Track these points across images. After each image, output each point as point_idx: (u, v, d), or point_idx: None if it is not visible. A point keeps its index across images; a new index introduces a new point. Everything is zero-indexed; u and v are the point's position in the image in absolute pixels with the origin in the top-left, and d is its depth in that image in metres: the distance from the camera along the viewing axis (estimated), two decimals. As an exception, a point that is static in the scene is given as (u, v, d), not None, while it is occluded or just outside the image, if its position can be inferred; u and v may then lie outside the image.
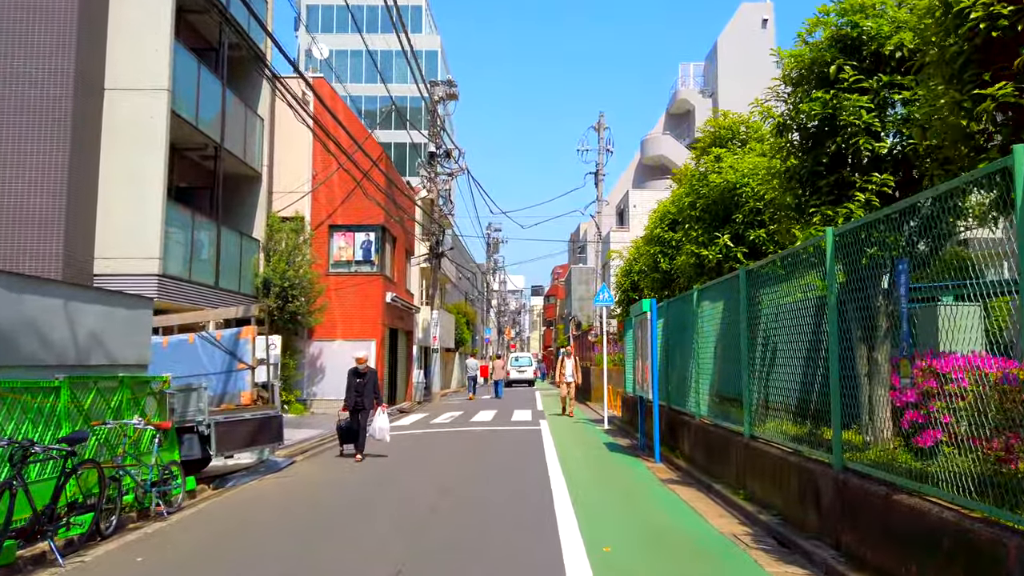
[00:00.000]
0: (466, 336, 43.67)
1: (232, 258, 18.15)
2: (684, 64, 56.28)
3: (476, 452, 12.06)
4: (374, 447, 11.97)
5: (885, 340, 6.23)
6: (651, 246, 12.76)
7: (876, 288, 5.56)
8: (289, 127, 21.20)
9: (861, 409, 5.68)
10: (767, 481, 6.59)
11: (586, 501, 7.54)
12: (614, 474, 9.56)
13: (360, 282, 21.60)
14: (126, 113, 14.30)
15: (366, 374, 11.52)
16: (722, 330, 8.51)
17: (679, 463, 9.76)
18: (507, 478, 9.28)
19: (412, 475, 9.93)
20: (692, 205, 9.99)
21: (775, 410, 6.64)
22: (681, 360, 10.69)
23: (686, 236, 10.27)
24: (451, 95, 29.78)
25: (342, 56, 55.42)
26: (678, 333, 10.99)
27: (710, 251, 9.46)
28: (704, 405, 9.22)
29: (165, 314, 11.18)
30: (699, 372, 9.40)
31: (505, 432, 15.30)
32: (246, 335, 10.33)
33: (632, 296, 16.39)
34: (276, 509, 7.98)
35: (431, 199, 28.20)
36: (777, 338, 6.72)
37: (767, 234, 9.10)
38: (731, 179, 9.24)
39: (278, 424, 10.59)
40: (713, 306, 8.97)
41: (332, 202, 21.77)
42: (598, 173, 38.03)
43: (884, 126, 6.21)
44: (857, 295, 5.56)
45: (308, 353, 21.17)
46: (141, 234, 14.07)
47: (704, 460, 8.90)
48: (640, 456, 10.97)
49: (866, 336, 5.87)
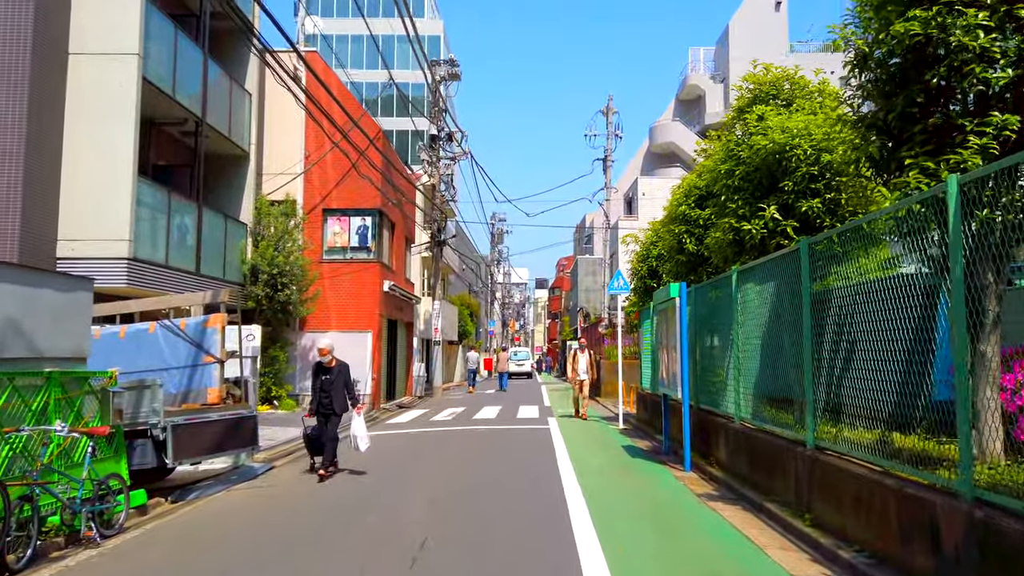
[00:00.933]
0: (469, 328, 42.33)
1: (216, 243, 16.80)
2: (694, 49, 54.67)
3: (478, 458, 10.70)
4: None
5: (995, 328, 4.87)
6: (675, 225, 11.36)
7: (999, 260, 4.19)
8: (281, 106, 19.84)
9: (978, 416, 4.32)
10: (846, 506, 5.21)
11: (613, 527, 6.17)
12: (640, 487, 8.18)
13: (356, 269, 20.25)
14: (93, 80, 12.93)
15: (333, 369, 9.32)
16: (772, 317, 7.13)
17: (713, 472, 8.39)
18: (514, 493, 7.91)
19: (400, 490, 8.58)
20: (729, 173, 8.58)
21: (856, 416, 5.26)
22: (715, 353, 9.31)
23: (721, 210, 8.87)
24: (453, 75, 28.36)
25: (342, 41, 53.95)
26: (711, 322, 9.61)
27: (753, 225, 8.05)
28: (746, 406, 7.85)
29: (123, 300, 9.83)
30: (739, 367, 8.02)
31: (511, 432, 13.96)
32: (214, 324, 8.98)
33: (649, 283, 15.00)
34: (237, 531, 6.64)
35: (432, 184, 26.81)
36: (859, 326, 5.33)
37: (823, 204, 7.69)
38: (779, 140, 7.83)
39: (252, 426, 9.26)
40: (759, 289, 7.58)
41: (326, 185, 20.40)
42: (607, 159, 36.63)
43: (1005, 53, 4.80)
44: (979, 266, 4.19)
45: (300, 345, 19.84)
46: (109, 214, 12.73)
47: (747, 471, 7.53)
48: (666, 463, 9.60)
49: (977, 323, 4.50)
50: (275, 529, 6.60)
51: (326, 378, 9.27)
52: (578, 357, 16.38)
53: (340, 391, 9.24)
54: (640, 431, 13.84)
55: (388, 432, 14.65)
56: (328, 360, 9.40)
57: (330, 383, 9.24)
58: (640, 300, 15.73)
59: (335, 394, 9.20)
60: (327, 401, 9.19)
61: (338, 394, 9.23)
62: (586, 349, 16.94)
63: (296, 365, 19.68)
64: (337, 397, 9.21)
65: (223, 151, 18.02)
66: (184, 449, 7.96)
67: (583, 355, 16.56)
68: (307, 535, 6.21)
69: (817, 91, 8.86)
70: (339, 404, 9.21)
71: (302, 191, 20.21)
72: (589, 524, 6.23)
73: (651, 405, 13.98)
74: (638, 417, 15.33)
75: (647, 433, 13.29)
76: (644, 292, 15.30)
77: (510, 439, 12.77)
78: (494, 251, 61.31)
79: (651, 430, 13.40)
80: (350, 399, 9.31)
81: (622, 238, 16.43)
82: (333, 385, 9.21)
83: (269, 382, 18.32)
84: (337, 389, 9.22)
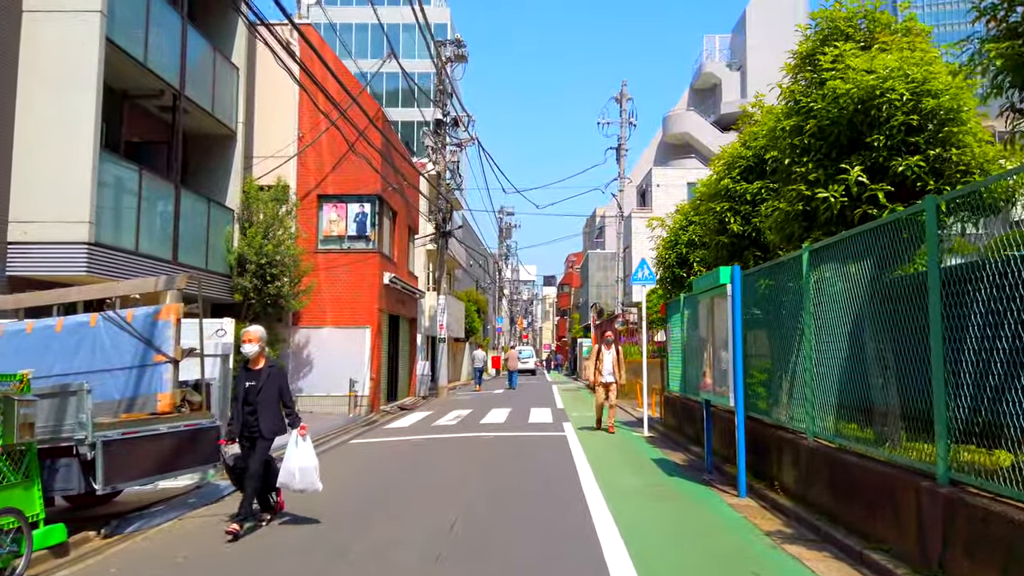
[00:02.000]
0: (476, 325, 40.76)
1: (197, 229, 15.27)
2: (709, 36, 52.90)
3: (483, 477, 9.10)
4: (350, 458, 9.06)
5: None
6: (716, 202, 9.71)
7: None
8: (273, 83, 18.31)
9: None
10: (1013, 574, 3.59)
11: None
12: (690, 520, 6.54)
13: (353, 260, 18.68)
14: (51, 40, 11.38)
15: (260, 374, 6.57)
16: (868, 306, 5.49)
17: (778, 500, 6.77)
18: (530, 528, 6.29)
19: (389, 526, 7.00)
20: (796, 130, 6.94)
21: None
22: (774, 352, 7.68)
23: (785, 177, 7.23)
24: (459, 56, 26.79)
25: (346, 30, 52.47)
26: (768, 314, 7.97)
27: (831, 192, 6.41)
28: (823, 419, 6.23)
29: (62, 288, 8.29)
30: (813, 370, 6.39)
31: (522, 440, 12.36)
32: (166, 315, 7.41)
33: (678, 272, 13.36)
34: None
35: (438, 172, 25.23)
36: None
37: (927, 161, 6.05)
38: (866, 84, 6.19)
39: (214, 439, 7.68)
40: (843, 271, 5.95)
41: (322, 169, 18.84)
42: (620, 147, 35.00)
43: None
44: None
45: (293, 342, 18.31)
46: (68, 193, 11.20)
47: (830, 503, 5.89)
48: (713, 484, 7.97)
49: None
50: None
51: (250, 385, 6.53)
52: (602, 355, 13.37)
53: (271, 405, 6.52)
54: (669, 440, 12.22)
55: (385, 439, 13.09)
56: (253, 356, 6.61)
57: (256, 393, 6.49)
58: (667, 292, 14.09)
59: (263, 410, 6.46)
60: (252, 420, 6.49)
61: (268, 409, 6.48)
62: (612, 344, 13.52)
63: (289, 363, 18.14)
64: (266, 413, 6.47)
65: (207, 130, 16.48)
66: (120, 470, 6.40)
67: (609, 352, 13.42)
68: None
69: (903, 29, 7.20)
70: (269, 424, 6.48)
71: (295, 175, 18.66)
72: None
73: (682, 410, 12.35)
74: (666, 423, 13.69)
75: (677, 442, 11.67)
76: (671, 283, 13.67)
77: (522, 449, 11.17)
78: (502, 246, 59.69)
79: (681, 438, 11.79)
80: (288, 416, 6.60)
81: (647, 221, 14.77)
82: (261, 396, 6.48)
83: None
84: (267, 402, 6.49)
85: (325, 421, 15.62)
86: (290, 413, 6.62)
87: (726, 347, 7.52)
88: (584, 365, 43.46)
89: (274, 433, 6.55)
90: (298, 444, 6.45)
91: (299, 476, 6.33)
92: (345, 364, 18.01)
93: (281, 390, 6.59)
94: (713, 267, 10.23)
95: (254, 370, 6.62)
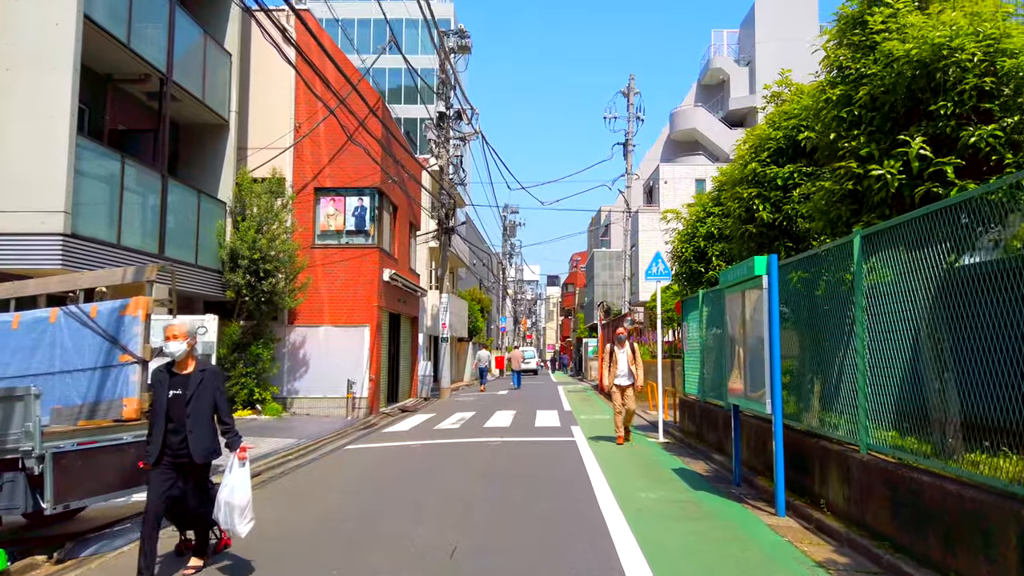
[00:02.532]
0: (480, 324, 39.96)
1: (186, 222, 14.50)
2: (717, 31, 52.02)
3: (488, 490, 8.29)
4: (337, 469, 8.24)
5: None
6: (743, 187, 8.88)
7: None
8: (268, 72, 17.57)
9: None
10: None
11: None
12: (725, 544, 5.70)
13: (352, 256, 17.88)
14: (23, 18, 10.63)
15: (190, 379, 5.06)
16: (941, 299, 4.67)
17: (822, 519, 5.94)
18: (543, 567, 5.47)
19: (379, 553, 6.20)
20: (844, 100, 6.12)
21: None
22: (810, 352, 6.86)
23: (830, 153, 6.41)
24: (463, 47, 26.03)
25: (348, 25, 51.74)
26: (803, 311, 7.15)
27: (886, 168, 5.59)
28: (879, 428, 5.40)
29: (20, 280, 7.49)
30: (867, 373, 5.57)
31: (529, 447, 11.55)
32: (134, 310, 6.61)
33: (695, 267, 12.54)
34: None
35: (440, 166, 24.43)
36: None
37: (1003, 131, 5.22)
38: (931, 40, 5.36)
39: (188, 448, 6.90)
40: (907, 259, 5.11)
41: (319, 161, 18.05)
42: (627, 143, 34.14)
43: None
44: None
45: (289, 341, 17.52)
46: (41, 181, 10.43)
47: (893, 527, 5.07)
48: (744, 500, 7.14)
49: None
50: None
51: (176, 395, 4.98)
52: (616, 355, 11.56)
53: (205, 420, 5.01)
54: (686, 446, 11.39)
55: (383, 445, 12.28)
56: (181, 357, 5.07)
57: (184, 404, 4.95)
58: (683, 288, 13.26)
59: (194, 426, 4.94)
60: (178, 441, 4.92)
61: (200, 425, 4.97)
62: (626, 342, 11.67)
63: (283, 364, 17.37)
64: (198, 431, 4.95)
65: (198, 119, 15.72)
66: (75, 486, 5.62)
67: (623, 350, 11.58)
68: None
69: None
70: (202, 444, 4.97)
71: (291, 167, 17.88)
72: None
73: (700, 414, 11.52)
74: (683, 429, 12.84)
75: (696, 449, 10.85)
76: (688, 278, 12.84)
77: (529, 458, 10.36)
78: (506, 244, 58.90)
79: (700, 445, 10.96)
80: (225, 434, 5.08)
81: (662, 213, 13.93)
82: (192, 409, 4.96)
83: (251, 383, 16.00)
84: (199, 416, 4.98)
85: (321, 424, 14.83)
86: (228, 430, 5.07)
87: (760, 347, 6.69)
88: (589, 366, 42.61)
89: (209, 456, 5.07)
90: (233, 471, 4.94)
91: (223, 512, 4.87)
92: (343, 364, 17.23)
93: (217, 399, 5.09)
94: (739, 260, 9.41)
95: (181, 375, 5.06)
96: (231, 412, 5.24)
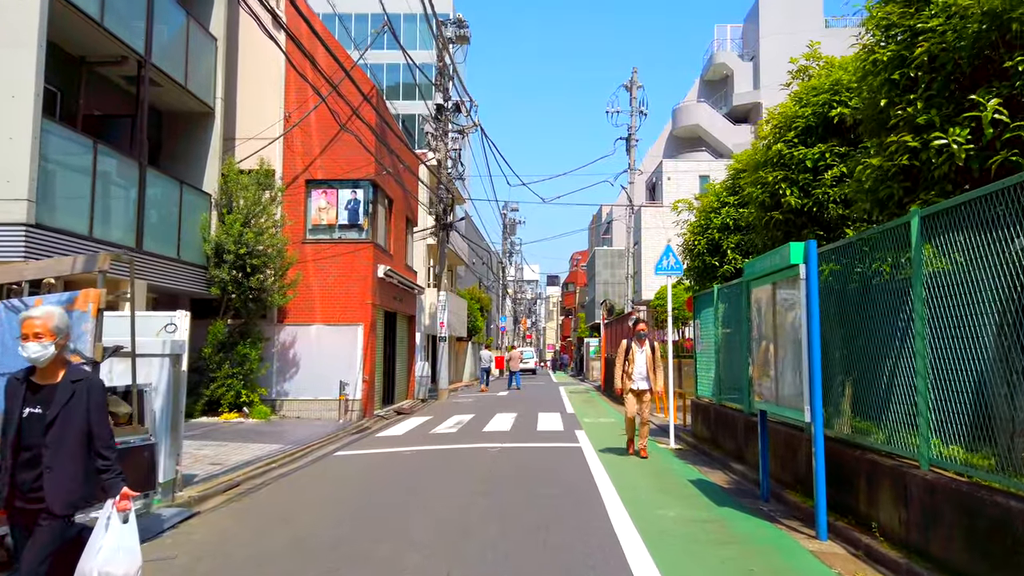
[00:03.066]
0: (479, 324, 39.15)
1: (168, 215, 13.69)
2: (720, 26, 51.17)
3: (486, 505, 7.46)
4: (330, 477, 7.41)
5: None
6: (767, 171, 8.07)
7: None
8: (256, 59, 16.78)
9: None
10: None
11: None
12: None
13: (345, 251, 17.07)
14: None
15: (55, 394, 3.48)
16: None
17: (872, 545, 5.14)
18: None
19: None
20: (898, 62, 5.31)
21: None
22: (847, 353, 6.04)
23: (877, 127, 5.60)
24: (462, 37, 25.24)
25: (345, 20, 50.91)
26: (836, 305, 6.34)
27: (952, 135, 4.78)
28: (950, 443, 4.59)
29: (-42, 270, 6.66)
30: (925, 376, 4.76)
31: (531, 454, 10.73)
32: (83, 305, 5.80)
33: (709, 261, 11.73)
34: None
35: (438, 160, 23.62)
36: None
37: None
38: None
39: (147, 460, 6.12)
40: (999, 242, 4.30)
41: (310, 152, 17.25)
42: (630, 138, 33.38)
43: None
44: None
45: (278, 341, 16.71)
46: (1, 166, 9.64)
47: (970, 560, 4.26)
48: (776, 519, 6.32)
49: None
50: None
51: (33, 413, 3.46)
52: (633, 354, 10.17)
53: (69, 452, 3.45)
54: (701, 453, 10.58)
55: (375, 451, 11.46)
56: (45, 362, 3.53)
57: (44, 428, 3.43)
58: (695, 283, 12.44)
59: (54, 458, 3.42)
60: (31, 478, 3.41)
61: (63, 458, 3.43)
62: (646, 340, 10.27)
63: (273, 365, 16.57)
64: (60, 466, 3.42)
65: (181, 106, 14.92)
66: (3, 509, 4.79)
67: (641, 351, 10.17)
68: None
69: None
70: (63, 486, 3.43)
71: (281, 158, 17.07)
72: None
73: (716, 419, 10.71)
74: (696, 434, 12.02)
75: (712, 456, 10.04)
76: (700, 273, 12.03)
77: (532, 466, 9.54)
78: (506, 243, 58.11)
79: (716, 452, 10.16)
80: (104, 471, 3.53)
81: (672, 204, 13.13)
82: (54, 435, 3.43)
83: (238, 385, 15.19)
84: (62, 444, 3.44)
85: (311, 428, 14.03)
86: (107, 467, 3.52)
87: (795, 347, 5.88)
88: (591, 366, 41.80)
89: (72, 505, 3.47)
90: (111, 528, 3.46)
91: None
92: (335, 365, 16.43)
93: (92, 422, 3.49)
94: (761, 251, 8.62)
95: (44, 386, 3.53)
96: (113, 441, 3.59)
